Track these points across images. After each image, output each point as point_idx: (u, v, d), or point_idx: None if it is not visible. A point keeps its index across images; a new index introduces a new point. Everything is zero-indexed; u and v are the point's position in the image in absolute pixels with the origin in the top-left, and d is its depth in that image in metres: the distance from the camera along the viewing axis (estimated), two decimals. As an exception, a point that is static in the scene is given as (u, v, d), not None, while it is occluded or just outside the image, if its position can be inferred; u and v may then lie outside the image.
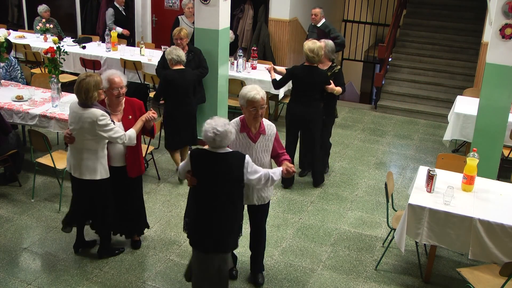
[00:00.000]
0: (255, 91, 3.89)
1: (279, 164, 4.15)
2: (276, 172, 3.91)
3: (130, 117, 4.53)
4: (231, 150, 3.74)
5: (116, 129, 4.31)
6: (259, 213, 4.33)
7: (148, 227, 5.05)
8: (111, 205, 4.59)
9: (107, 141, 4.37)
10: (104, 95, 4.40)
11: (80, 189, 4.52)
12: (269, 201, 4.30)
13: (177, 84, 5.87)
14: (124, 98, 4.52)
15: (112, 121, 4.33)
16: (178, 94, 5.93)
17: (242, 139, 4.03)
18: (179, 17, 8.70)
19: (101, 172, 4.41)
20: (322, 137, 6.26)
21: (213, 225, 3.76)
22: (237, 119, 4.08)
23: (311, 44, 5.81)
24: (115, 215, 4.65)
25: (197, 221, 3.80)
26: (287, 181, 6.24)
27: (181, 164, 3.91)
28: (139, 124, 4.50)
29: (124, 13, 9.46)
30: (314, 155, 6.20)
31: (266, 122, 4.12)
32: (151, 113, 4.54)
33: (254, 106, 3.89)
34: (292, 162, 6.24)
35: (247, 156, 3.76)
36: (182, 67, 5.93)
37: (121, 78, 4.40)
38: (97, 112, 4.21)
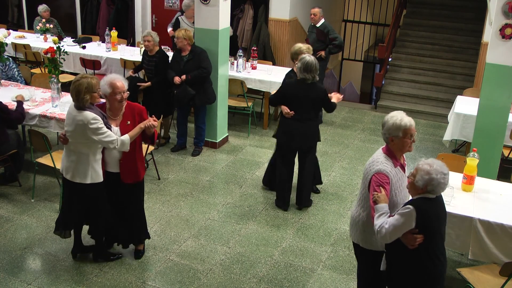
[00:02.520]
0: (407, 118, 3.48)
1: None
2: None
3: (129, 122, 4.37)
4: None
5: (109, 133, 4.17)
6: None
7: (148, 237, 4.85)
8: (105, 210, 4.47)
9: (100, 146, 4.27)
10: (105, 99, 4.31)
11: (72, 191, 4.44)
12: None
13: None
14: (126, 103, 4.40)
15: (109, 125, 4.24)
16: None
17: (398, 173, 3.52)
18: (179, 17, 8.70)
19: (92, 176, 4.28)
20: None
21: None
22: (381, 155, 3.53)
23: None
24: (110, 221, 4.51)
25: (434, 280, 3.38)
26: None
27: (386, 229, 3.24)
28: (136, 130, 4.32)
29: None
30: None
31: None
32: (151, 120, 4.36)
33: (411, 134, 3.49)
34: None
35: None
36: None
37: (122, 82, 4.27)
38: (89, 115, 4.13)
